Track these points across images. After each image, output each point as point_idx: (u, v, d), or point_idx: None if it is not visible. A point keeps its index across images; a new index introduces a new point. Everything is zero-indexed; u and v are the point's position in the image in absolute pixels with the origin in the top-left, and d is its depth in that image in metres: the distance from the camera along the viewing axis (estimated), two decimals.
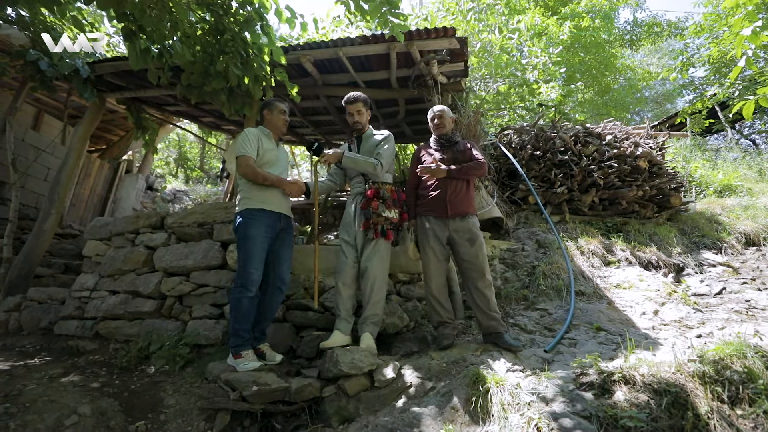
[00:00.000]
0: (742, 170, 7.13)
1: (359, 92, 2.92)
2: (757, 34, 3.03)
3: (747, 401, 1.71)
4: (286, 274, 2.65)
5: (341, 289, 2.69)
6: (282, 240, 2.64)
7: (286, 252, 2.66)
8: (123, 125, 7.35)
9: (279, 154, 2.73)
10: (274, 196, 2.58)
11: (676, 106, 17.25)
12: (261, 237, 2.46)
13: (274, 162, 2.65)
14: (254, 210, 2.50)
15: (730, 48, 8.04)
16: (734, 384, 1.78)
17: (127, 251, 3.31)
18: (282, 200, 2.64)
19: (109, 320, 3.12)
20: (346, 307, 2.69)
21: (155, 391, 2.28)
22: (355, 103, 2.86)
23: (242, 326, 2.42)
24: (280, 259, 2.61)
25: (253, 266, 2.41)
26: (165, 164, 13.87)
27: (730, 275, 3.61)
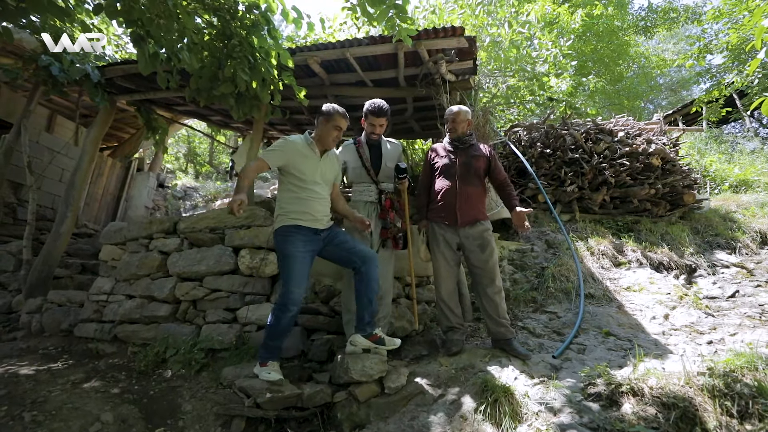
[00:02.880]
0: (760, 163, 6.95)
1: (383, 102, 2.82)
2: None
3: (757, 416, 1.71)
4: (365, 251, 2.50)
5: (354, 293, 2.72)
6: (331, 241, 2.50)
7: (345, 238, 2.53)
8: (134, 123, 7.43)
9: (319, 166, 2.49)
10: (310, 209, 2.42)
11: (692, 93, 16.80)
12: (300, 254, 2.34)
13: (306, 173, 2.44)
14: (290, 227, 2.37)
15: (750, 34, 7.76)
16: (744, 398, 1.78)
17: (142, 256, 3.39)
18: (319, 214, 2.46)
19: (126, 324, 3.21)
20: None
21: (173, 397, 2.36)
22: (381, 117, 2.80)
23: (275, 343, 2.39)
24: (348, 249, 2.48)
25: (294, 285, 2.32)
26: (175, 159, 14.02)
27: (744, 277, 3.56)
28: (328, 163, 2.58)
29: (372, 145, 2.91)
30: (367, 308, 2.47)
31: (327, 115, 2.49)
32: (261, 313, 3.05)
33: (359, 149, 2.90)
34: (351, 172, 2.92)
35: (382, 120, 2.82)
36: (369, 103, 2.85)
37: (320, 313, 3.07)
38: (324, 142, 2.50)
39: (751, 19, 4.50)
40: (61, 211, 4.41)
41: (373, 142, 2.92)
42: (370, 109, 2.83)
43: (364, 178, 2.88)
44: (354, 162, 2.89)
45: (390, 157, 2.91)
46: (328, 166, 2.57)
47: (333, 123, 2.48)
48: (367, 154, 2.89)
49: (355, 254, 2.47)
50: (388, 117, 2.84)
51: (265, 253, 3.19)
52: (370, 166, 2.86)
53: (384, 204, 2.83)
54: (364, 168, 2.86)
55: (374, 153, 2.90)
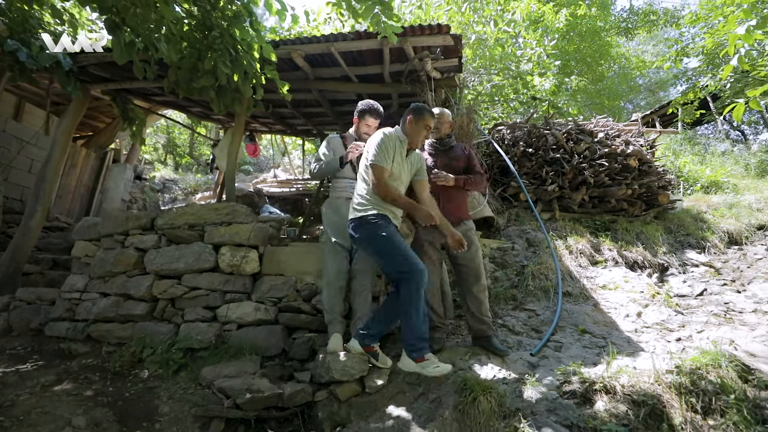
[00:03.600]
0: (730, 165, 7.24)
1: (379, 105, 2.88)
2: (750, 33, 3.04)
3: (719, 412, 1.80)
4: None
5: (339, 293, 2.71)
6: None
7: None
8: (109, 112, 7.15)
9: (405, 164, 2.44)
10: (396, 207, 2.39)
11: (669, 95, 17.31)
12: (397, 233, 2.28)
13: (398, 176, 2.39)
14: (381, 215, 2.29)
15: (724, 39, 8.03)
16: (708, 395, 1.86)
17: (117, 253, 3.29)
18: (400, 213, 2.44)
19: (100, 323, 3.12)
20: (342, 310, 2.73)
21: (150, 398, 2.31)
22: (378, 118, 2.86)
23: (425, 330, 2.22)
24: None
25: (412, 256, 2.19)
26: (153, 150, 13.58)
27: (712, 276, 3.71)
28: (411, 163, 2.49)
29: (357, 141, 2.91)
30: (384, 324, 2.37)
31: (418, 114, 2.40)
32: (242, 312, 3.01)
33: (346, 144, 2.89)
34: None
35: (377, 122, 2.88)
36: (366, 104, 2.86)
37: (302, 312, 3.05)
38: (413, 142, 2.42)
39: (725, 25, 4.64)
40: (31, 205, 4.23)
41: (362, 140, 2.90)
42: (367, 110, 2.84)
43: (348, 174, 2.88)
44: (339, 155, 2.87)
45: None
46: (411, 166, 2.48)
47: (424, 122, 2.39)
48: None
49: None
50: (382, 119, 2.89)
51: (246, 251, 3.15)
52: (356, 163, 2.84)
53: None
54: (350, 163, 2.85)
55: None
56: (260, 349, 2.88)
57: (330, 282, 2.71)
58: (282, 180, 9.84)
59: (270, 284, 3.15)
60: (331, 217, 2.83)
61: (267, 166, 13.94)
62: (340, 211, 2.81)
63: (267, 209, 7.03)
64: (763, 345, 2.50)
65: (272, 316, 3.04)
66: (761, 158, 8.09)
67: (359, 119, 2.89)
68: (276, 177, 10.45)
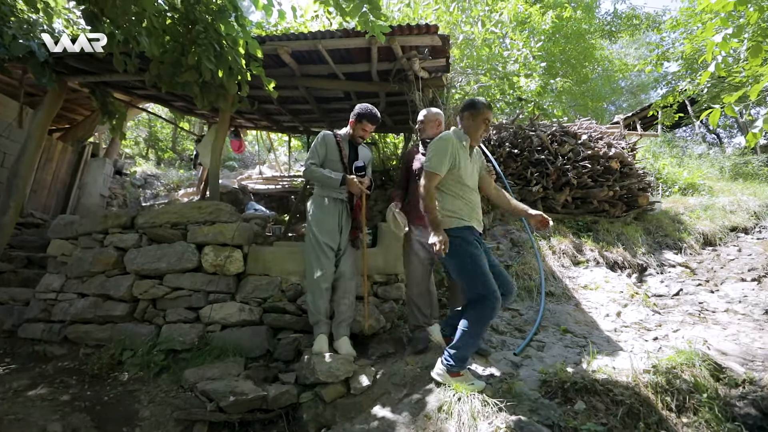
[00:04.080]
0: (706, 168, 7.48)
1: (376, 110, 2.86)
2: (727, 41, 3.14)
3: (692, 410, 1.87)
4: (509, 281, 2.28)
5: (325, 294, 2.68)
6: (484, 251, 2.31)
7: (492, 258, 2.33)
8: (87, 105, 6.90)
9: (470, 164, 2.34)
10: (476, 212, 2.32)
11: (650, 97, 17.74)
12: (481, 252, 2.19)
13: (470, 175, 2.31)
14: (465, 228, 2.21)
15: (702, 45, 8.29)
16: (682, 393, 1.93)
17: (96, 252, 3.20)
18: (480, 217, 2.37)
19: (78, 324, 3.03)
20: (328, 311, 2.71)
21: (129, 402, 2.26)
22: (375, 124, 2.86)
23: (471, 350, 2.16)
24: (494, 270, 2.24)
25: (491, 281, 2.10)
26: (134, 144, 13.20)
27: (688, 276, 3.84)
28: (476, 161, 2.41)
29: (351, 144, 2.90)
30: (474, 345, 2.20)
31: (476, 109, 2.28)
32: (225, 312, 2.97)
33: (340, 143, 2.85)
34: (327, 164, 2.82)
35: (374, 127, 2.87)
36: (364, 108, 2.81)
37: (287, 312, 3.03)
38: (474, 139, 2.32)
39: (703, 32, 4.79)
40: (3, 200, 4.06)
41: (355, 143, 2.90)
42: (366, 115, 2.80)
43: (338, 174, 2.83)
44: (333, 155, 2.82)
45: (365, 159, 2.91)
46: (477, 164, 2.41)
47: (483, 117, 2.28)
48: (347, 151, 2.86)
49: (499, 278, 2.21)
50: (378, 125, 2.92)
51: (231, 251, 3.10)
52: (347, 163, 2.82)
53: (356, 204, 2.83)
54: (341, 163, 2.81)
55: (351, 152, 2.89)
56: (244, 351, 2.85)
57: (316, 284, 2.66)
58: (268, 177, 9.72)
59: (255, 284, 3.11)
60: (318, 215, 2.77)
61: (252, 162, 13.75)
62: (328, 210, 2.76)
63: (252, 206, 6.94)
64: (734, 343, 2.61)
65: (257, 316, 3.01)
66: (735, 161, 8.40)
67: (356, 122, 2.82)
68: (261, 174, 10.31)
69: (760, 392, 1.97)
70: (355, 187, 2.68)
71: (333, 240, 2.72)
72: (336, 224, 2.74)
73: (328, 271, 2.67)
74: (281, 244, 3.72)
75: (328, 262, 2.68)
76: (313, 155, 2.80)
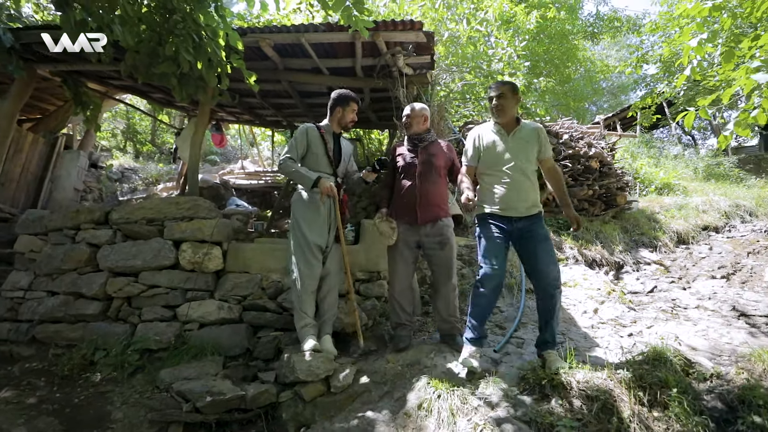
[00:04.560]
0: (681, 168, 7.72)
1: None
2: (702, 45, 3.22)
3: (663, 405, 1.92)
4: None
5: (313, 295, 2.57)
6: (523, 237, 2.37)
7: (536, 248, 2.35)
8: (60, 94, 6.60)
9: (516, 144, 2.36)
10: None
11: (630, 98, 18.18)
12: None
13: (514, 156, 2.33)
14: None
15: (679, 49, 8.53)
16: (654, 388, 1.99)
17: (67, 248, 3.07)
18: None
19: (47, 323, 2.91)
20: (314, 312, 2.61)
21: (101, 404, 2.19)
22: (358, 105, 2.78)
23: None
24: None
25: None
26: (111, 136, 12.75)
27: (662, 273, 3.96)
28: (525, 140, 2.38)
29: (335, 136, 2.80)
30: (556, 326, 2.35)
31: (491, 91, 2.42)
32: (204, 311, 2.91)
33: (324, 136, 2.73)
34: (311, 158, 2.69)
35: (358, 107, 2.79)
36: (343, 91, 2.76)
37: (267, 310, 2.99)
38: (505, 119, 2.41)
39: (681, 36, 4.91)
40: None
41: (338, 133, 2.81)
42: (350, 96, 2.73)
43: (324, 167, 2.70)
44: (317, 149, 2.69)
45: (347, 153, 2.86)
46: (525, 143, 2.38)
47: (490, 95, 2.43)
48: (332, 144, 2.76)
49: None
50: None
51: (209, 248, 3.03)
52: (332, 157, 2.73)
53: (342, 198, 2.76)
54: (326, 157, 2.70)
55: (335, 145, 2.79)
56: (223, 349, 2.80)
57: (304, 285, 2.51)
58: (250, 172, 9.56)
59: (234, 282, 3.06)
60: (306, 213, 2.61)
61: (234, 156, 13.48)
62: (316, 207, 2.62)
63: (234, 202, 6.81)
64: (703, 339, 2.70)
65: (236, 314, 2.95)
66: (708, 163, 8.70)
67: (343, 107, 2.72)
68: (244, 168, 10.13)
69: (726, 386, 2.05)
70: (327, 190, 2.55)
71: (322, 238, 2.61)
72: (326, 222, 2.64)
73: (316, 272, 2.56)
74: (262, 241, 3.66)
75: (317, 263, 2.56)
76: (291, 149, 2.66)
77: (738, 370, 2.15)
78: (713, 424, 1.81)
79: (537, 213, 2.37)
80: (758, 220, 5.57)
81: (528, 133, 2.39)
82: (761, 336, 2.75)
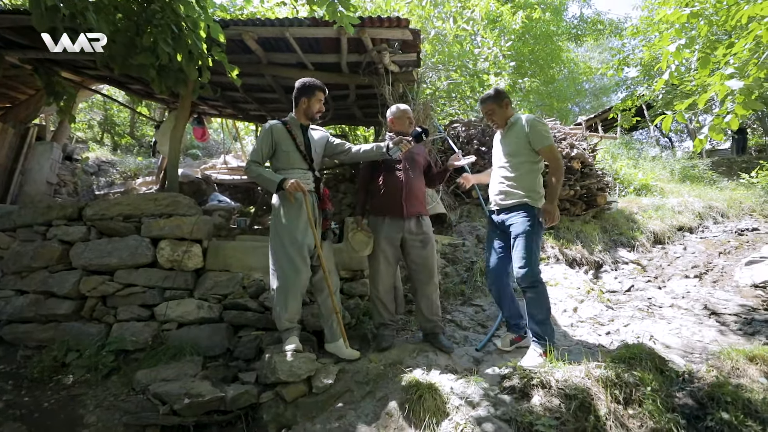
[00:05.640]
0: (658, 170, 7.95)
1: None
2: (680, 51, 3.31)
3: (638, 402, 1.98)
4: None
5: (296, 297, 2.42)
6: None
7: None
8: (31, 83, 6.32)
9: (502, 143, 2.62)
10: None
11: (611, 100, 18.60)
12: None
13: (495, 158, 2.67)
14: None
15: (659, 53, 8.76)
16: (629, 386, 2.04)
17: (38, 245, 2.95)
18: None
19: (16, 324, 2.79)
20: (299, 316, 2.50)
21: (73, 407, 2.11)
22: (323, 92, 2.62)
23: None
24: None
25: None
26: (88, 128, 12.28)
27: (639, 273, 4.07)
28: (518, 135, 2.50)
29: (303, 129, 2.63)
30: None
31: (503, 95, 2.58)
32: (183, 310, 2.84)
33: (291, 131, 2.54)
34: (281, 155, 2.53)
35: (324, 96, 2.64)
36: (310, 80, 2.60)
37: (249, 309, 2.93)
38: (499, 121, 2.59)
39: (660, 41, 5.03)
40: None
41: (306, 125, 2.64)
42: (314, 85, 2.57)
43: (298, 163, 2.53)
44: (286, 145, 2.52)
45: (318, 144, 2.66)
46: (518, 138, 2.50)
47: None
48: (301, 137, 2.57)
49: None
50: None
51: (189, 245, 2.96)
52: (305, 151, 2.57)
53: (323, 193, 2.64)
54: (298, 152, 2.53)
55: (305, 139, 2.60)
56: (203, 349, 2.74)
57: (293, 289, 2.38)
58: (233, 167, 9.38)
59: (214, 280, 2.99)
60: (290, 212, 2.45)
61: (217, 151, 13.20)
62: (297, 206, 2.46)
63: (216, 197, 6.68)
64: (677, 337, 2.79)
65: (216, 314, 2.89)
66: (684, 165, 8.99)
67: (309, 98, 2.56)
68: (226, 163, 9.93)
69: (697, 383, 2.12)
70: (292, 187, 2.35)
71: (311, 238, 2.47)
72: (308, 220, 2.49)
73: (305, 274, 2.41)
74: (244, 239, 3.59)
75: (304, 266, 2.41)
76: (255, 152, 2.51)
77: (708, 368, 2.23)
78: (684, 421, 1.87)
79: (514, 205, 2.43)
80: (729, 221, 5.79)
81: (517, 127, 2.48)
82: (730, 334, 2.86)
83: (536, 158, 2.44)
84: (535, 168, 2.44)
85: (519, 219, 2.38)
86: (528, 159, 2.42)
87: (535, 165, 2.45)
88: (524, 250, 2.33)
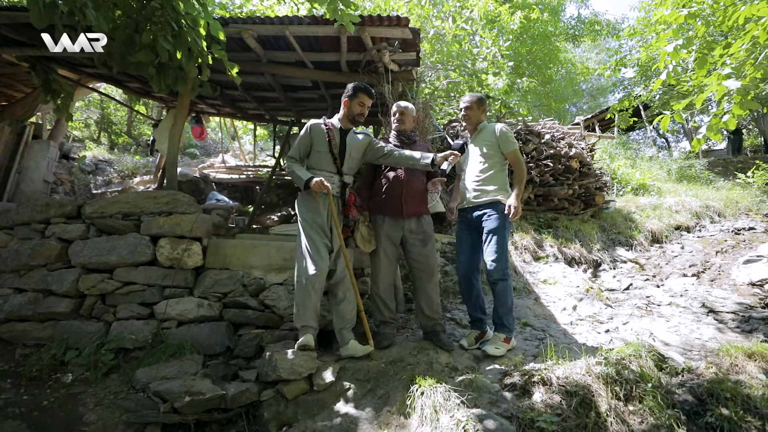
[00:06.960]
0: (655, 170, 7.99)
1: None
2: (677, 51, 3.33)
3: (638, 399, 1.99)
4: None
5: (314, 294, 2.40)
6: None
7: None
8: (28, 81, 6.27)
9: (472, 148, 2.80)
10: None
11: (608, 101, 18.69)
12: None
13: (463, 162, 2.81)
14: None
15: (656, 54, 8.81)
16: (630, 383, 2.05)
17: (36, 244, 2.93)
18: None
19: (14, 322, 2.77)
20: (318, 315, 2.48)
21: (73, 406, 2.10)
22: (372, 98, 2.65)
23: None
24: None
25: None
26: (85, 126, 12.21)
27: (637, 271, 4.10)
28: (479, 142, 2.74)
29: (342, 132, 2.64)
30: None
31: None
32: (182, 308, 2.83)
33: (329, 132, 2.57)
34: (314, 155, 2.58)
35: (371, 102, 2.64)
36: (357, 83, 2.65)
37: (249, 307, 2.93)
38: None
39: (657, 42, 5.06)
40: None
41: (345, 128, 2.65)
42: (361, 87, 2.60)
43: (326, 165, 2.57)
44: (320, 146, 2.57)
45: (355, 147, 2.64)
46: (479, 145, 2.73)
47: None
48: (337, 140, 2.59)
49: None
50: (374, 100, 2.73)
51: (189, 243, 2.95)
52: (337, 154, 2.58)
53: (348, 199, 2.63)
54: (330, 154, 2.56)
55: (341, 141, 2.62)
56: (203, 348, 2.73)
57: (310, 283, 2.38)
58: (231, 166, 9.35)
59: (214, 278, 2.98)
60: (305, 213, 2.52)
61: (215, 150, 13.16)
62: (316, 206, 2.52)
63: (214, 196, 6.65)
64: (675, 335, 2.81)
65: (216, 312, 2.89)
66: (680, 165, 9.04)
67: (351, 99, 2.58)
68: (225, 162, 9.90)
69: (697, 380, 2.14)
70: (316, 186, 2.39)
71: (325, 235, 2.50)
72: (323, 217, 2.52)
73: (322, 270, 2.41)
74: (244, 237, 3.58)
75: (322, 262, 2.41)
76: (294, 148, 2.60)
77: (707, 365, 2.25)
78: (684, 417, 1.89)
79: (489, 202, 2.60)
80: (726, 220, 5.83)
81: (486, 132, 2.72)
82: (728, 331, 2.88)
83: (504, 161, 2.70)
84: (504, 169, 2.71)
85: (493, 216, 2.57)
86: (498, 161, 2.67)
87: (504, 166, 2.71)
88: (497, 245, 2.52)
